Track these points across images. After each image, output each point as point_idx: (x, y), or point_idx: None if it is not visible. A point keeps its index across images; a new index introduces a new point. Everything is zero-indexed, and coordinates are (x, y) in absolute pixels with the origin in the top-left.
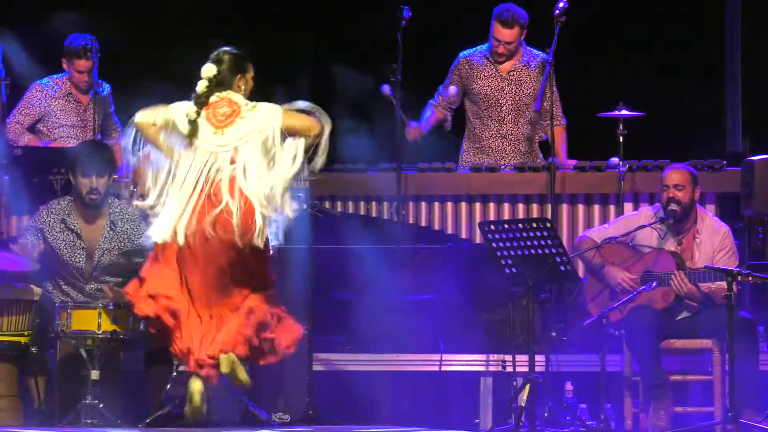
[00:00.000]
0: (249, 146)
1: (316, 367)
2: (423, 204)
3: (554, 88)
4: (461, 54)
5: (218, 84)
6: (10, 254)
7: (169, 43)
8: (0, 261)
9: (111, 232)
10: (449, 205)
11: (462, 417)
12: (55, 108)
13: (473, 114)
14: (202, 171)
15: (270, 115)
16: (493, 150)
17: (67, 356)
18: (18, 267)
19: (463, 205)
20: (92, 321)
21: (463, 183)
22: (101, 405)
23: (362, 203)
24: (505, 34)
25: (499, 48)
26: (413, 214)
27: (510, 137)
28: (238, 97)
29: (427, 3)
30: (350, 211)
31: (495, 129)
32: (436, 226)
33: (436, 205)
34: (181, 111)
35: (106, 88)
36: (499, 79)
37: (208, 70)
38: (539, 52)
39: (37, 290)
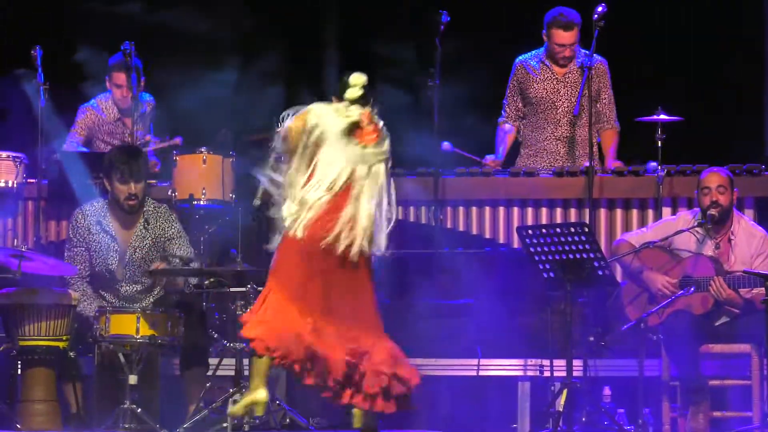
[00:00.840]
0: (379, 171)
1: None
2: (461, 209)
3: (610, 91)
4: (517, 59)
5: (362, 96)
6: (51, 259)
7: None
8: (41, 266)
9: (144, 231)
10: (487, 209)
11: (500, 422)
12: (104, 131)
13: (529, 118)
14: (340, 177)
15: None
16: (548, 152)
17: (105, 361)
18: (58, 272)
19: (501, 210)
20: (130, 325)
21: (501, 188)
22: (139, 409)
23: (400, 208)
24: (566, 36)
25: (565, 52)
26: (451, 219)
27: (565, 139)
28: (377, 119)
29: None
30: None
31: (550, 131)
32: (474, 231)
33: (474, 209)
34: (329, 113)
35: (151, 101)
36: (554, 82)
37: (360, 77)
38: (598, 56)
39: (75, 295)
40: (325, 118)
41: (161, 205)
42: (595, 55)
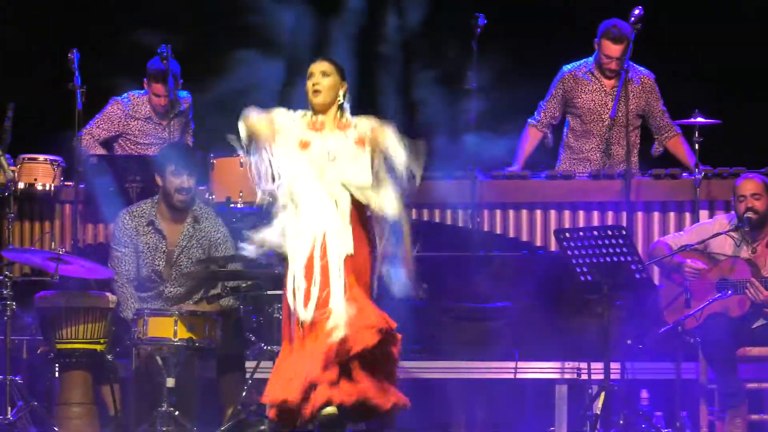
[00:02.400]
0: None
1: None
2: (498, 212)
3: (662, 104)
4: (564, 68)
5: None
6: (88, 262)
7: None
8: (79, 269)
9: (192, 229)
10: (524, 212)
11: (537, 425)
12: (133, 128)
13: (574, 126)
14: None
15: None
16: (591, 163)
17: (143, 364)
18: (96, 275)
19: (538, 213)
20: (168, 328)
21: (538, 190)
22: (176, 412)
23: (437, 211)
24: (615, 49)
25: (611, 64)
26: (488, 221)
27: (610, 151)
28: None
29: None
30: (425, 218)
31: (595, 143)
32: (511, 234)
33: (511, 212)
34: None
35: (188, 99)
36: (603, 94)
37: None
38: (642, 68)
39: (113, 298)
40: None
41: (209, 207)
42: (642, 68)
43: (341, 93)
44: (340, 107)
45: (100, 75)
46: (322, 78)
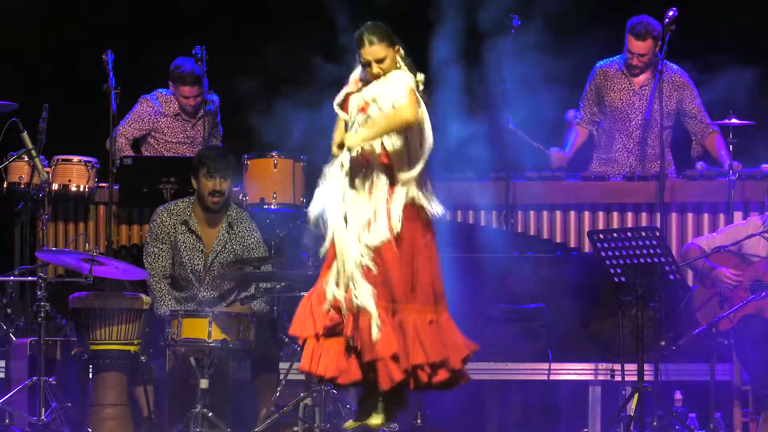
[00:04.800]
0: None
1: None
2: (531, 213)
3: (697, 102)
4: (598, 64)
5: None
6: (122, 263)
7: None
8: (113, 270)
9: (227, 234)
10: (558, 214)
11: (571, 426)
12: (162, 125)
13: (603, 126)
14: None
15: None
16: (618, 164)
17: (177, 365)
18: (129, 276)
19: (572, 214)
20: (203, 330)
21: (572, 192)
22: (210, 413)
23: (471, 212)
24: (638, 46)
25: (633, 60)
26: (522, 223)
27: (636, 153)
28: None
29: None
30: (459, 220)
31: (622, 143)
32: (545, 236)
33: (545, 214)
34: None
35: (215, 100)
36: (630, 93)
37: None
38: (675, 66)
39: (147, 299)
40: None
41: (243, 211)
42: (674, 65)
43: (399, 58)
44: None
45: (135, 76)
46: (379, 65)
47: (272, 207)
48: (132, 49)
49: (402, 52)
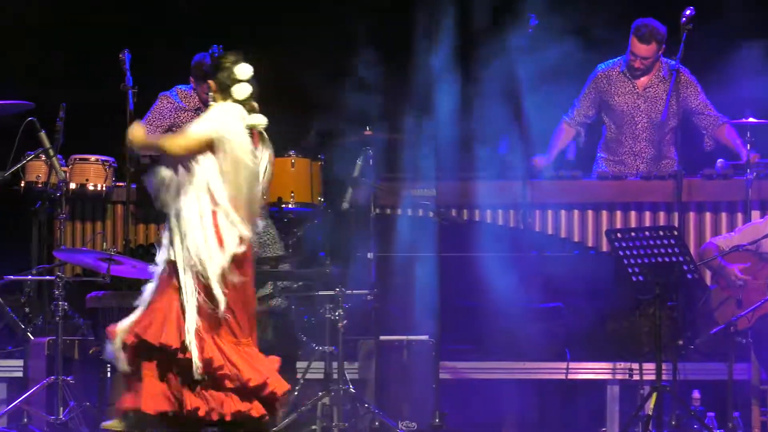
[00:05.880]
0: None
1: (443, 376)
2: (549, 212)
3: (701, 96)
4: (598, 67)
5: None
6: (140, 262)
7: None
8: (130, 269)
9: None
10: (575, 213)
11: (589, 425)
12: (183, 120)
13: (609, 127)
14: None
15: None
16: (626, 166)
17: None
18: (147, 275)
19: (590, 214)
20: None
21: (590, 191)
22: None
23: (488, 211)
24: (642, 49)
25: (635, 63)
26: (539, 222)
27: (643, 155)
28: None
29: None
30: (476, 219)
31: (629, 146)
32: (563, 235)
33: (563, 213)
34: (235, 124)
35: None
36: (635, 96)
37: (247, 70)
38: (676, 63)
39: None
40: (232, 131)
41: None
42: (675, 63)
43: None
44: None
45: (152, 76)
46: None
47: (290, 206)
48: (148, 48)
49: (214, 87)
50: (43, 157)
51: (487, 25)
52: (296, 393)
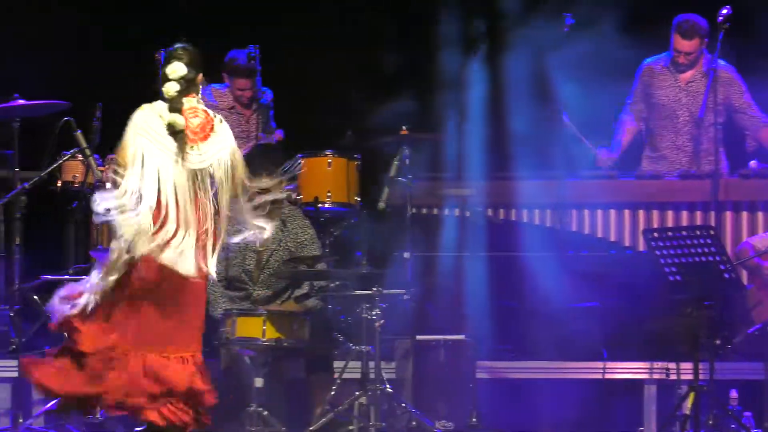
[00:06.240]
0: (221, 166)
1: (480, 375)
2: (586, 212)
3: (746, 96)
4: (645, 61)
5: (186, 87)
6: None
7: None
8: None
9: (280, 232)
10: (612, 212)
11: (626, 425)
12: None
13: (653, 122)
14: (182, 189)
15: (230, 135)
16: (668, 161)
17: (231, 364)
18: None
19: (626, 213)
20: (257, 328)
21: (627, 190)
22: (265, 412)
23: (525, 211)
24: (684, 44)
25: (679, 58)
26: (576, 222)
27: (686, 149)
28: (203, 106)
29: None
30: (513, 218)
31: (670, 140)
32: (599, 234)
33: (599, 212)
34: (152, 121)
35: (269, 94)
36: (677, 90)
37: (178, 69)
38: (722, 62)
39: None
40: (150, 127)
41: (296, 208)
42: (722, 61)
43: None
44: None
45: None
46: None
47: (326, 206)
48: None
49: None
50: (80, 157)
51: (523, 20)
52: (333, 393)
